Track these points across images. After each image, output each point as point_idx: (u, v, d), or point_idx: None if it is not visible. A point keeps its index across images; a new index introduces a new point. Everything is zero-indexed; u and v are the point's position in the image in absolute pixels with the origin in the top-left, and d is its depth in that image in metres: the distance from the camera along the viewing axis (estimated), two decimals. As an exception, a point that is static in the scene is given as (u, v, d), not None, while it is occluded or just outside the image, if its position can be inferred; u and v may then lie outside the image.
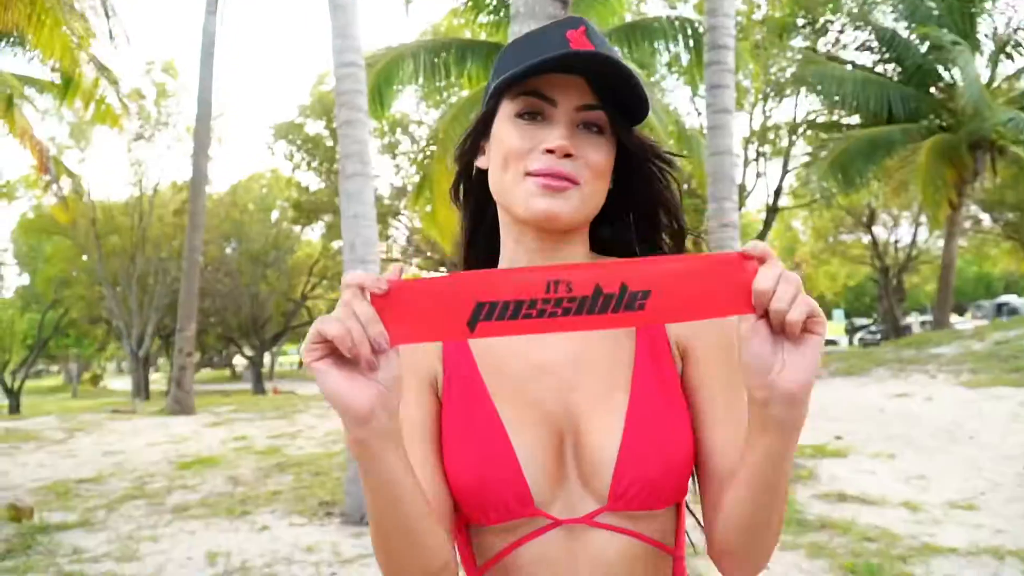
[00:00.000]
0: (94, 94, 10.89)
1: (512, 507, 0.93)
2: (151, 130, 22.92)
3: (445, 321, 0.76)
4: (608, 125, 1.00)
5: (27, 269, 31.79)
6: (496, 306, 0.76)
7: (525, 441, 0.95)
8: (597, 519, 0.94)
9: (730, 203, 7.27)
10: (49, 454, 10.33)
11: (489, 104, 1.04)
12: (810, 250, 34.59)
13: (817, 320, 0.75)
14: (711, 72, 7.36)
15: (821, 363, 0.76)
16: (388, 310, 0.76)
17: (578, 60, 0.94)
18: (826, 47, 20.91)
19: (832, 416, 10.29)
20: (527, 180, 0.97)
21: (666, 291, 0.76)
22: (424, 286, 0.77)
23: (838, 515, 5.72)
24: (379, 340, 0.75)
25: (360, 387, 0.76)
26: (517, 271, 0.77)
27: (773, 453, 0.83)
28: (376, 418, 0.77)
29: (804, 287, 0.77)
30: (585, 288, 0.76)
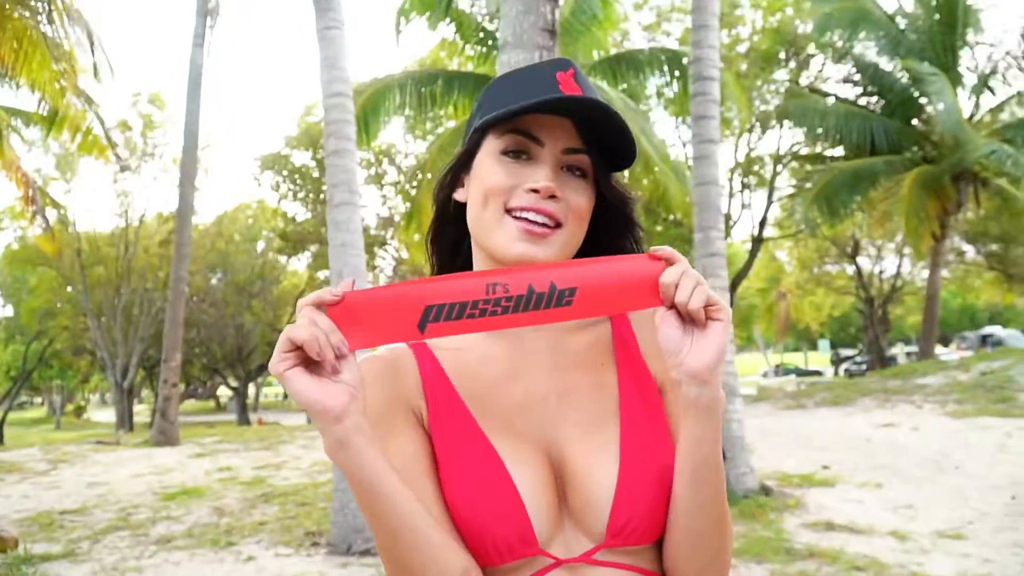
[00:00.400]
0: (80, 126, 10.90)
1: (515, 547, 0.91)
2: (137, 161, 22.91)
3: (397, 324, 0.84)
4: (591, 170, 1.02)
5: (11, 300, 31.56)
6: (443, 308, 0.84)
7: (526, 477, 0.93)
8: (596, 556, 0.92)
9: (716, 232, 7.35)
10: (33, 485, 10.18)
11: (473, 138, 1.04)
12: (795, 280, 34.82)
13: (717, 308, 0.84)
14: (696, 103, 7.48)
15: (727, 352, 0.83)
16: (344, 319, 0.83)
17: (571, 104, 0.96)
18: (809, 80, 21.25)
19: (818, 445, 10.31)
20: (508, 220, 0.98)
21: (590, 288, 0.86)
22: (375, 294, 0.84)
23: (826, 544, 5.72)
24: (340, 346, 0.82)
25: (330, 389, 0.81)
26: (460, 276, 0.86)
27: (696, 437, 0.88)
28: (350, 416, 0.82)
29: (789, 316, 0.82)
30: (520, 288, 0.85)
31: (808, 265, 31.89)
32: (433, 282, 0.85)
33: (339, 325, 0.82)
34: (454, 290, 0.84)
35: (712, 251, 7.33)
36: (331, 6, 6.67)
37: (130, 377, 24.13)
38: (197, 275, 25.80)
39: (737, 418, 7.38)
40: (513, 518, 0.91)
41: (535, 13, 3.68)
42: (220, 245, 26.78)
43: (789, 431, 12.08)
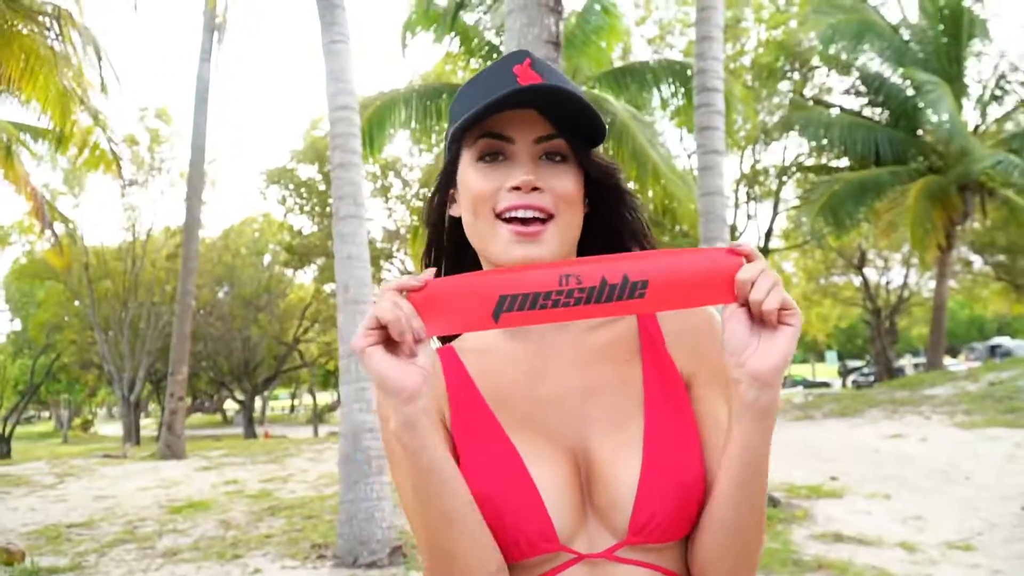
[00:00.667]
0: (87, 141, 10.97)
1: (536, 542, 0.91)
2: (144, 175, 23.04)
3: (473, 313, 0.85)
4: (571, 152, 1.01)
5: (19, 314, 31.67)
6: (517, 298, 0.85)
7: (544, 473, 0.94)
8: (618, 553, 0.92)
9: (722, 242, 7.34)
10: (40, 499, 10.20)
11: (450, 153, 1.05)
12: (801, 291, 34.73)
13: (791, 312, 0.82)
14: (701, 114, 7.49)
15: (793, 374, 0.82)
16: (423, 305, 0.85)
17: (526, 94, 0.95)
18: (813, 91, 21.28)
19: (826, 457, 10.26)
20: (500, 225, 0.97)
21: (662, 281, 0.85)
22: (454, 283, 0.86)
23: (835, 555, 5.68)
24: (419, 330, 0.84)
25: (407, 369, 0.83)
26: (534, 267, 0.87)
27: (750, 442, 0.87)
28: (422, 397, 0.84)
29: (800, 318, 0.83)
30: (593, 280, 0.85)
31: (814, 276, 31.83)
32: (508, 272, 0.86)
33: (418, 311, 0.84)
34: (528, 281, 0.85)
35: (717, 262, 7.32)
36: (336, 20, 6.71)
37: (137, 391, 24.17)
38: (204, 288, 25.87)
39: (744, 429, 7.35)
40: (533, 514, 0.91)
41: (539, 25, 3.70)
42: (227, 259, 26.88)
43: (797, 442, 12.03)
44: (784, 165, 21.51)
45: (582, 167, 1.02)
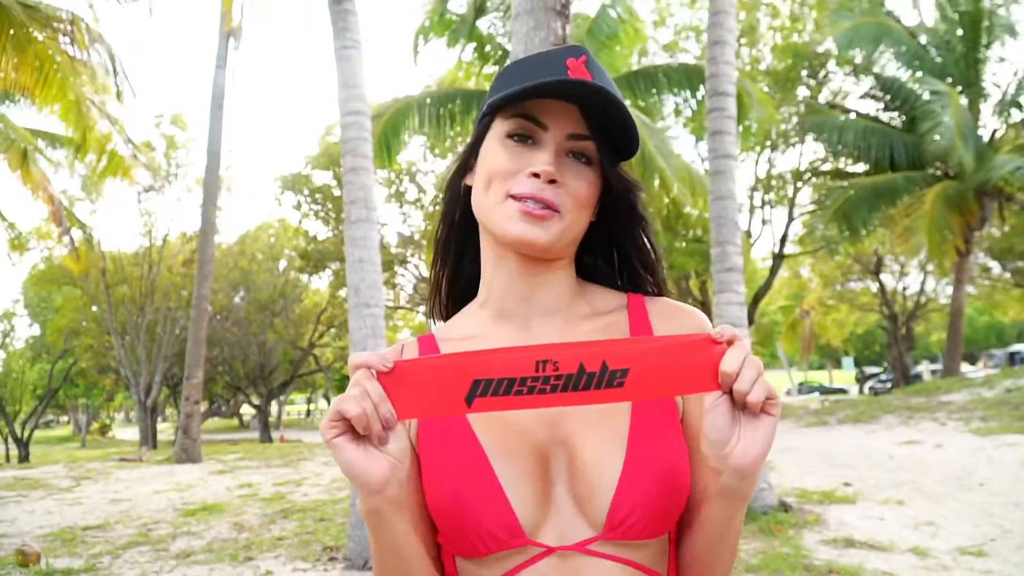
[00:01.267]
0: (104, 148, 11.07)
1: (501, 537, 0.91)
2: (161, 181, 23.22)
3: (445, 397, 0.82)
4: (596, 157, 1.01)
5: (37, 319, 31.99)
6: (491, 383, 0.81)
7: (510, 467, 0.93)
8: (591, 547, 0.91)
9: (733, 247, 7.33)
10: (57, 502, 10.29)
11: (482, 123, 1.05)
12: (818, 297, 34.55)
13: (773, 402, 0.81)
14: (712, 118, 7.50)
15: (775, 438, 0.82)
16: (393, 387, 0.82)
17: (572, 87, 0.95)
18: (829, 96, 21.20)
19: (840, 463, 10.20)
20: (508, 202, 0.97)
21: (643, 369, 0.82)
22: (425, 364, 0.82)
23: (846, 560, 5.65)
24: (388, 416, 0.80)
25: (374, 460, 0.82)
26: (509, 351, 0.82)
27: (726, 517, 0.90)
28: (389, 487, 0.83)
29: (813, 333, 0.83)
30: (570, 367, 0.81)
31: (831, 282, 31.64)
32: (482, 355, 0.82)
33: (388, 392, 0.81)
34: (503, 365, 0.81)
35: (729, 266, 7.31)
36: (348, 26, 6.76)
37: (153, 395, 24.34)
38: (220, 294, 26.03)
39: (755, 434, 7.32)
40: (495, 509, 0.91)
41: (546, 29, 3.72)
42: (243, 264, 27.03)
43: (811, 448, 11.96)
44: (799, 170, 21.41)
45: (604, 175, 1.02)
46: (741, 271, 7.41)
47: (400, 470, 0.83)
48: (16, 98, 12.98)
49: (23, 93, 9.97)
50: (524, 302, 1.04)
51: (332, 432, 0.80)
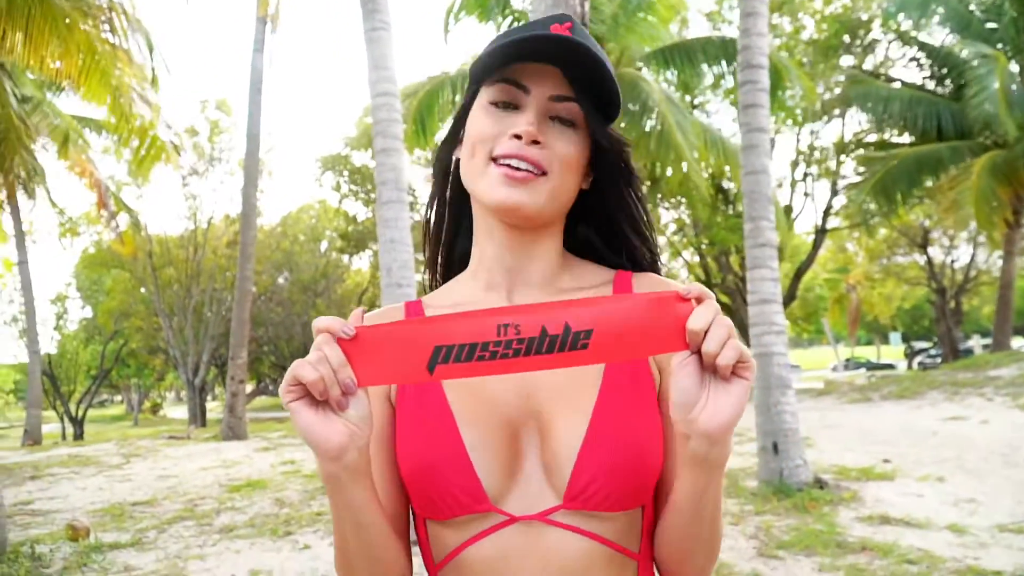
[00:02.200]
0: (147, 134, 11.26)
1: (464, 502, 0.91)
2: (205, 165, 23.59)
3: (407, 364, 0.80)
4: (582, 120, 0.99)
5: (89, 302, 32.84)
6: (452, 349, 0.80)
7: (478, 434, 0.93)
8: (554, 516, 0.91)
9: (766, 222, 7.25)
10: (107, 478, 10.61)
11: (468, 93, 1.04)
12: (864, 271, 33.93)
13: (746, 365, 0.77)
14: (745, 92, 7.39)
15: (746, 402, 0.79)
16: (355, 354, 0.81)
17: (550, 44, 0.93)
18: (874, 65, 20.68)
19: (881, 439, 10.08)
20: (491, 167, 0.97)
21: (607, 330, 0.79)
22: (387, 331, 0.81)
23: (880, 537, 5.61)
24: (348, 383, 0.80)
25: (332, 426, 0.81)
26: (470, 315, 0.81)
27: (698, 487, 0.87)
28: (346, 454, 0.82)
29: (859, 308, 0.80)
30: (533, 330, 0.79)
31: (877, 256, 31.03)
32: (443, 321, 0.80)
33: (350, 359, 0.81)
34: (464, 330, 0.80)
35: (762, 241, 7.23)
36: (378, 7, 6.79)
37: (201, 375, 24.87)
38: (264, 275, 26.45)
39: (791, 410, 7.27)
40: (459, 473, 0.91)
41: (564, 5, 3.71)
42: (285, 245, 27.40)
43: (852, 425, 11.83)
44: (843, 141, 20.97)
45: (591, 136, 1.01)
46: (775, 246, 7.33)
47: (360, 437, 0.82)
48: (63, 86, 13.27)
49: (67, 81, 10.21)
50: (510, 273, 1.04)
51: (289, 396, 0.80)
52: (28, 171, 14.02)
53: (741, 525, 6.26)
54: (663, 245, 25.42)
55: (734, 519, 6.46)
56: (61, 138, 14.67)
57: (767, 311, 7.28)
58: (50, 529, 7.29)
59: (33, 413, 18.97)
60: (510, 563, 0.91)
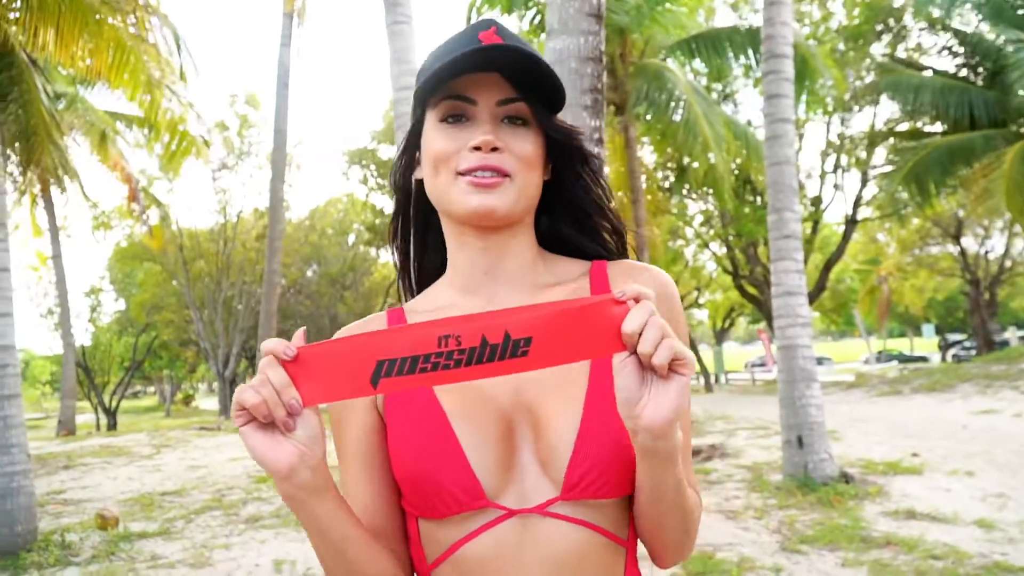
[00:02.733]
0: (177, 129, 11.37)
1: (462, 499, 0.92)
2: (234, 159, 23.82)
3: (350, 380, 0.82)
4: (532, 117, 1.02)
5: (123, 295, 33.31)
6: (395, 363, 0.81)
7: (471, 431, 0.95)
8: (551, 508, 0.93)
9: (791, 213, 7.17)
10: (138, 468, 10.79)
11: (415, 116, 1.07)
12: (895, 262, 33.45)
13: (682, 362, 0.79)
14: (769, 81, 7.32)
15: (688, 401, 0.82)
16: (299, 374, 0.82)
17: (486, 54, 0.96)
18: (906, 53, 20.33)
19: (910, 432, 9.96)
20: (458, 180, 0.99)
21: (546, 336, 0.81)
22: (329, 348, 0.83)
23: (905, 532, 5.55)
24: (292, 403, 0.81)
25: (280, 447, 0.82)
26: (411, 328, 0.82)
27: (654, 478, 0.89)
28: (297, 474, 0.83)
29: (890, 300, 0.79)
30: (473, 340, 0.81)
31: (908, 246, 30.56)
32: (386, 336, 0.82)
33: (295, 379, 0.82)
34: (406, 344, 0.81)
35: (787, 232, 7.16)
36: (399, 1, 6.80)
37: (231, 367, 25.15)
38: (292, 268, 26.67)
39: (816, 404, 7.20)
40: (455, 471, 0.93)
41: (581, -1, 3.70)
42: (313, 238, 27.59)
43: (880, 418, 11.70)
44: (874, 131, 20.66)
45: (543, 131, 1.03)
46: (799, 238, 7.25)
47: (309, 457, 0.84)
48: (95, 82, 13.45)
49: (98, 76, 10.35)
50: (488, 275, 1.05)
51: (239, 420, 0.82)
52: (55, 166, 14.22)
53: (764, 519, 6.22)
54: (690, 236, 25.29)
55: (757, 513, 6.42)
56: (98, 135, 14.89)
57: (792, 303, 7.21)
58: (81, 518, 7.43)
59: (67, 404, 19.33)
60: (507, 558, 0.92)
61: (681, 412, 0.81)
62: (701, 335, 53.94)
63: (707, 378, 29.47)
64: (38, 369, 44.98)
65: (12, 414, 6.51)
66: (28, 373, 43.74)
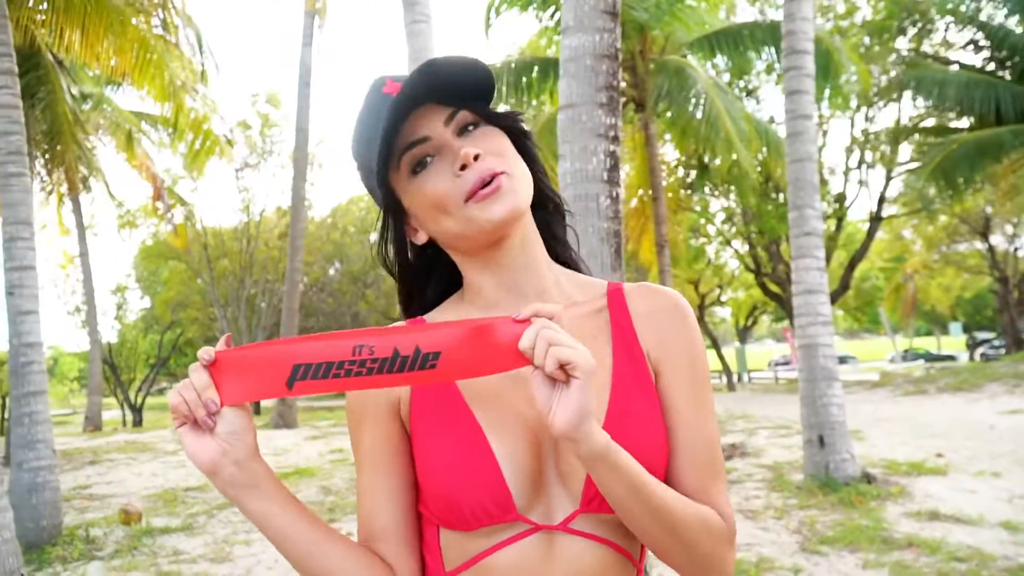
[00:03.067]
0: (200, 129, 11.48)
1: (493, 512, 0.93)
2: (257, 158, 23.98)
3: (267, 381, 0.88)
4: (477, 116, 1.02)
5: (148, 293, 33.67)
6: (311, 367, 0.87)
7: (505, 444, 0.95)
8: (572, 524, 0.94)
9: (812, 210, 7.11)
10: (162, 464, 10.91)
11: (384, 194, 1.05)
12: (921, 260, 33.05)
13: (572, 367, 0.82)
14: (789, 77, 7.25)
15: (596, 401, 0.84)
16: (220, 375, 0.89)
17: (401, 98, 0.96)
18: (932, 48, 20.08)
19: (935, 433, 9.84)
20: (471, 207, 0.97)
21: (454, 352, 0.87)
22: (248, 352, 0.89)
23: (927, 534, 5.48)
24: (209, 403, 0.88)
25: (203, 445, 0.89)
26: (329, 336, 0.88)
27: (604, 488, 0.88)
28: (222, 470, 0.89)
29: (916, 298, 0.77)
30: (386, 351, 0.87)
31: (935, 244, 30.18)
32: (304, 341, 0.88)
33: (217, 380, 0.88)
34: (322, 350, 0.87)
35: (807, 230, 7.10)
36: (417, 0, 6.80)
37: (255, 364, 25.30)
38: (315, 266, 26.83)
39: (837, 403, 7.13)
40: (490, 484, 0.93)
41: (595, -5, 3.67)
42: (335, 236, 27.74)
43: (905, 418, 11.56)
44: (899, 126, 20.41)
45: (493, 123, 1.03)
46: (820, 235, 7.19)
47: (232, 452, 0.89)
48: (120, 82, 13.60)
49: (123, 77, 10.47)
50: (509, 293, 1.04)
51: (175, 423, 0.89)
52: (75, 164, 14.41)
53: (784, 519, 6.17)
54: (712, 234, 25.12)
55: (777, 513, 6.37)
56: (124, 135, 15.06)
57: (812, 301, 7.15)
58: (105, 513, 7.53)
59: (94, 400, 19.59)
60: (529, 571, 0.94)
61: (586, 413, 0.82)
62: (724, 333, 53.65)
63: (729, 377, 29.25)
64: (66, 366, 45.60)
65: (38, 410, 6.61)
66: (57, 370, 44.37)
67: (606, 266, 3.52)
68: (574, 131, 3.60)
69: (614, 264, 3.54)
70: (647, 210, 15.08)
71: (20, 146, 6.75)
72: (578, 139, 3.58)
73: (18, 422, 6.56)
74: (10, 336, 6.59)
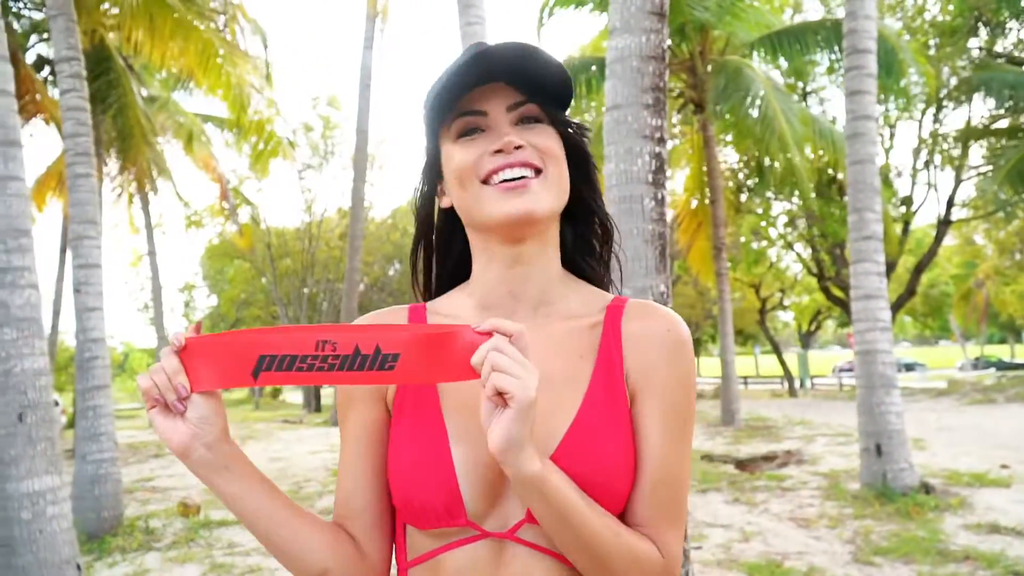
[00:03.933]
0: (264, 130, 11.73)
1: (442, 516, 0.94)
2: (319, 160, 24.41)
3: (234, 370, 0.90)
4: (545, 115, 1.01)
5: (214, 291, 34.55)
6: (275, 359, 0.90)
7: (466, 453, 0.95)
8: (519, 534, 0.94)
9: (872, 214, 6.95)
10: (222, 458, 11.17)
11: (430, 144, 1.07)
12: (993, 266, 31.91)
13: (510, 396, 0.82)
14: (851, 77, 7.11)
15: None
16: (190, 362, 0.91)
17: (481, 64, 0.95)
18: (1006, 48, 19.37)
19: (1001, 443, 9.50)
20: (486, 189, 0.97)
21: (412, 356, 0.88)
22: (217, 340, 0.92)
23: (986, 547, 5.31)
24: (179, 387, 0.90)
25: (175, 428, 0.92)
26: (295, 330, 0.91)
27: (532, 508, 0.89)
28: (193, 452, 0.92)
29: (988, 304, 0.74)
30: (347, 348, 0.89)
31: (1008, 249, 29.09)
32: (271, 333, 0.91)
33: (187, 366, 0.91)
34: (287, 343, 0.90)
35: (867, 234, 6.93)
36: (473, 2, 6.86)
37: (315, 362, 25.74)
38: (375, 266, 27.16)
39: (896, 411, 6.95)
40: (443, 490, 0.94)
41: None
42: (395, 237, 28.02)
43: (970, 427, 11.19)
44: (969, 128, 19.74)
45: (556, 126, 1.03)
46: (880, 239, 7.01)
47: (202, 436, 0.92)
48: (187, 84, 14.00)
49: (189, 78, 10.77)
50: (510, 296, 1.04)
51: (148, 405, 0.92)
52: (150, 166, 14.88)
53: (838, 529, 6.04)
54: (773, 237, 24.66)
55: (831, 522, 6.25)
56: (186, 135, 15.50)
57: (871, 307, 6.98)
58: (166, 505, 7.77)
59: (161, 395, 20.13)
60: (478, 574, 0.95)
61: (513, 442, 0.83)
62: (787, 338, 52.58)
63: (791, 382, 28.66)
64: (136, 361, 47.03)
65: (102, 404, 6.86)
66: (127, 364, 45.84)
67: (650, 269, 3.49)
68: (619, 132, 3.58)
69: (658, 267, 3.52)
70: (705, 213, 14.90)
71: (88, 147, 7.00)
72: (623, 141, 3.56)
73: (83, 415, 6.81)
74: (76, 332, 6.85)
